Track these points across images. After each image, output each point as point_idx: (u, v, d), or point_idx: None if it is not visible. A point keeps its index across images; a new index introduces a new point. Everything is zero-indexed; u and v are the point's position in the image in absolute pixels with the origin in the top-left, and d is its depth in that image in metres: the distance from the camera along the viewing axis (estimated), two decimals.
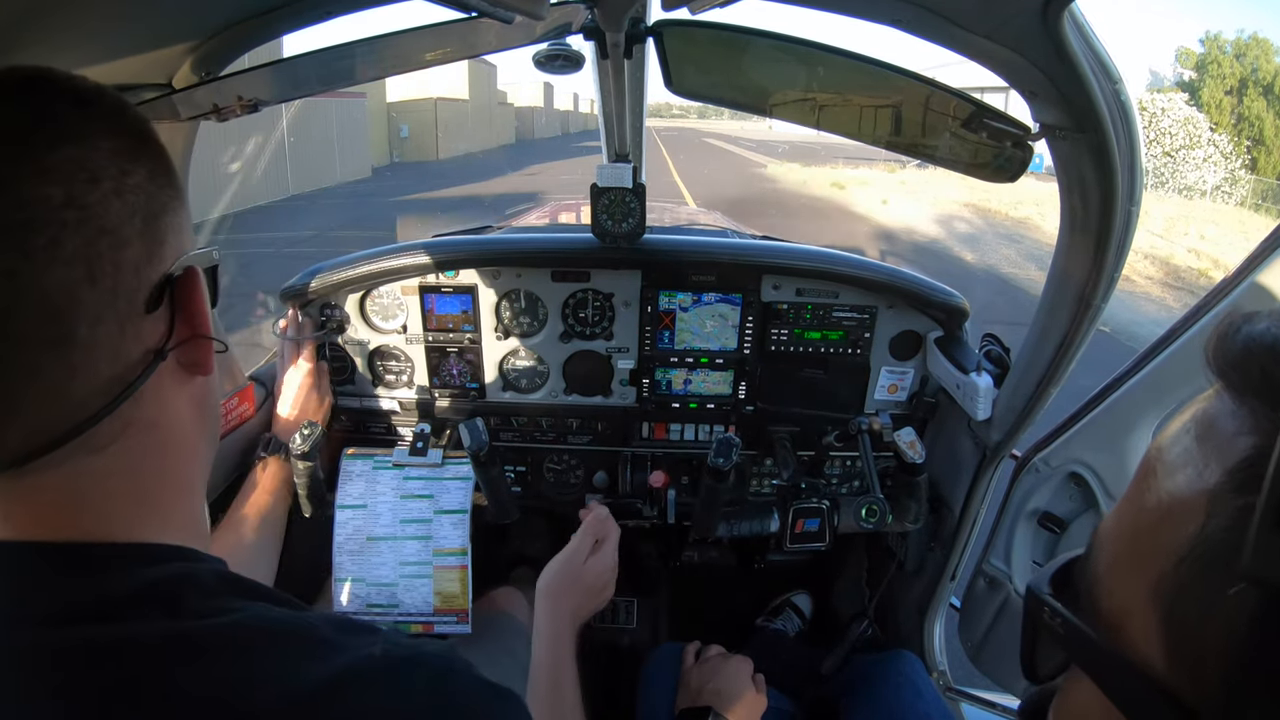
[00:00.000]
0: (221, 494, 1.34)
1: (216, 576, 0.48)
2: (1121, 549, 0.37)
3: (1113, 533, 0.38)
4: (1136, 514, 0.36)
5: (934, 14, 0.76)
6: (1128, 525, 0.37)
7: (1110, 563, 0.38)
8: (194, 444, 0.54)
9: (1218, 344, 0.35)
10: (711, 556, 2.11)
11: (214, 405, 0.58)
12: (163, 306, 0.48)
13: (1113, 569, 0.37)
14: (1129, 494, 0.38)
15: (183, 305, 0.49)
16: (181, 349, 0.50)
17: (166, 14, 0.75)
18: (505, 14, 0.74)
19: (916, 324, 1.58)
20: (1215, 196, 22.56)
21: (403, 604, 1.24)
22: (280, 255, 9.19)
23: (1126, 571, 0.36)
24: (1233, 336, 0.34)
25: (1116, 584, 0.37)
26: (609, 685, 1.77)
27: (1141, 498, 0.36)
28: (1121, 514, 0.38)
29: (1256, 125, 25.91)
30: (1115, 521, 0.39)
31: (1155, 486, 0.35)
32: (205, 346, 0.51)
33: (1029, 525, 1.39)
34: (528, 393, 1.68)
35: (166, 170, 0.50)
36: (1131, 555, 0.36)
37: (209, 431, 0.57)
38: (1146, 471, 0.37)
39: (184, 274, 0.49)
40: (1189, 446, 0.34)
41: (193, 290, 0.50)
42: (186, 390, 0.52)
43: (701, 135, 51.27)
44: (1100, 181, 0.88)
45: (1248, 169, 24.75)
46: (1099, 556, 0.39)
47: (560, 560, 1.06)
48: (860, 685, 1.35)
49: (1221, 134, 25.35)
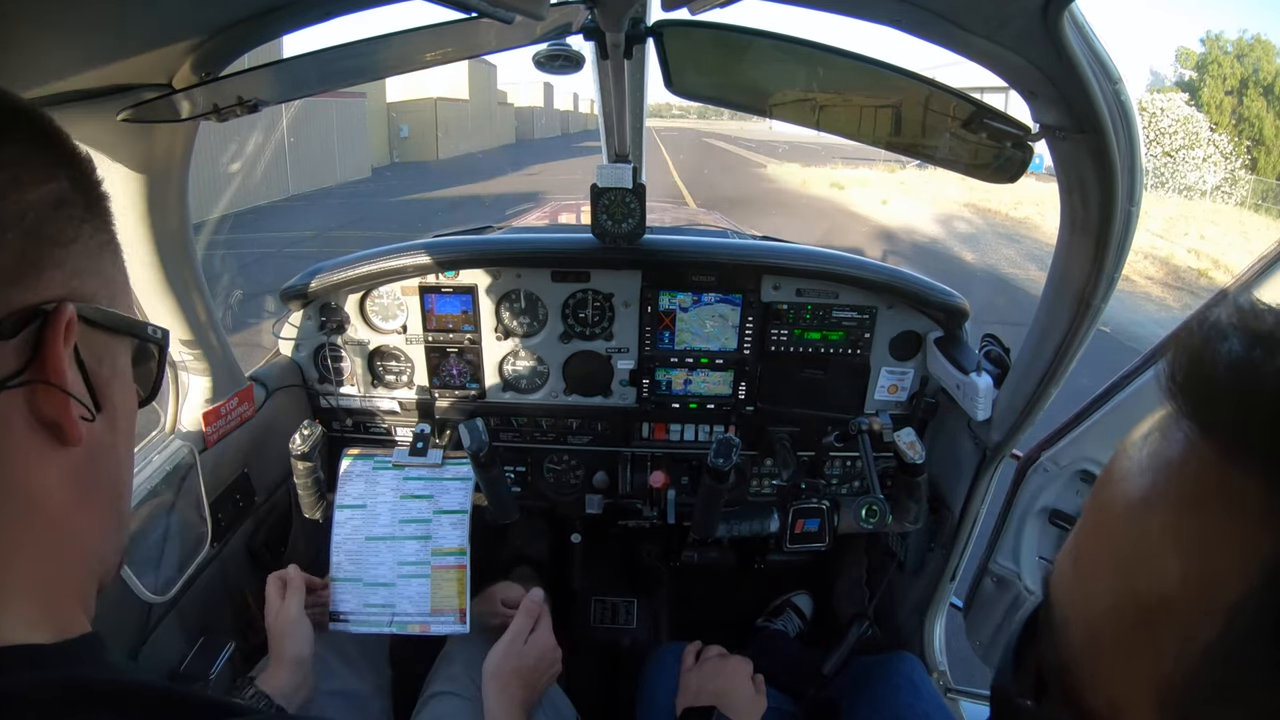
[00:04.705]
0: (219, 497, 1.34)
1: (61, 691, 0.38)
2: (1101, 629, 0.32)
3: (1084, 607, 0.33)
4: (1117, 594, 0.31)
5: (934, 14, 0.75)
6: (1106, 596, 0.32)
7: (1087, 643, 0.33)
8: (70, 526, 0.45)
9: (1193, 370, 0.29)
10: (711, 557, 2.11)
11: (110, 489, 0.49)
12: (17, 340, 0.40)
13: (1093, 652, 0.32)
14: (1097, 545, 0.33)
15: (41, 349, 0.41)
16: (30, 398, 0.41)
17: (166, 14, 0.75)
18: (505, 14, 0.74)
19: (916, 324, 1.58)
20: (1215, 196, 22.55)
21: (400, 604, 1.24)
22: (280, 255, 9.19)
23: (1112, 659, 0.31)
24: (1215, 367, 0.29)
25: (1102, 673, 0.32)
26: (609, 685, 1.78)
27: (1122, 568, 0.31)
28: (1093, 577, 0.33)
29: (1256, 125, 25.90)
30: (1084, 581, 0.33)
31: (1142, 550, 0.30)
32: (59, 402, 0.42)
33: (1037, 523, 1.39)
34: (528, 393, 1.68)
35: (87, 207, 0.45)
36: (1117, 642, 0.31)
37: (102, 520, 0.48)
38: (1121, 529, 0.31)
39: (53, 312, 0.41)
40: (1181, 522, 0.29)
41: (54, 335, 0.41)
42: (56, 460, 0.43)
43: (701, 135, 51.26)
44: (1100, 182, 0.88)
45: (1248, 169, 24.74)
46: (1070, 629, 0.34)
47: (503, 644, 1.11)
48: (860, 686, 1.34)
49: (1221, 134, 25.34)
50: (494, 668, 1.08)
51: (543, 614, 1.17)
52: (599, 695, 1.71)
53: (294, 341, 1.62)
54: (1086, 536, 0.34)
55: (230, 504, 1.38)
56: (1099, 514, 0.33)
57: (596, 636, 1.90)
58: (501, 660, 1.09)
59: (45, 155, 0.44)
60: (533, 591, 1.20)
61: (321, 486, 1.37)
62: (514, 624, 1.14)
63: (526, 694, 1.08)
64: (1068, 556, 0.35)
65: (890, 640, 1.73)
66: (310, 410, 1.68)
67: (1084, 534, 0.34)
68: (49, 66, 0.70)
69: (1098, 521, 0.33)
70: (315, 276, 1.53)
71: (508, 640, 1.11)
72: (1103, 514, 0.33)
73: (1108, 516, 0.33)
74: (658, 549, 2.10)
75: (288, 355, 1.64)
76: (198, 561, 1.22)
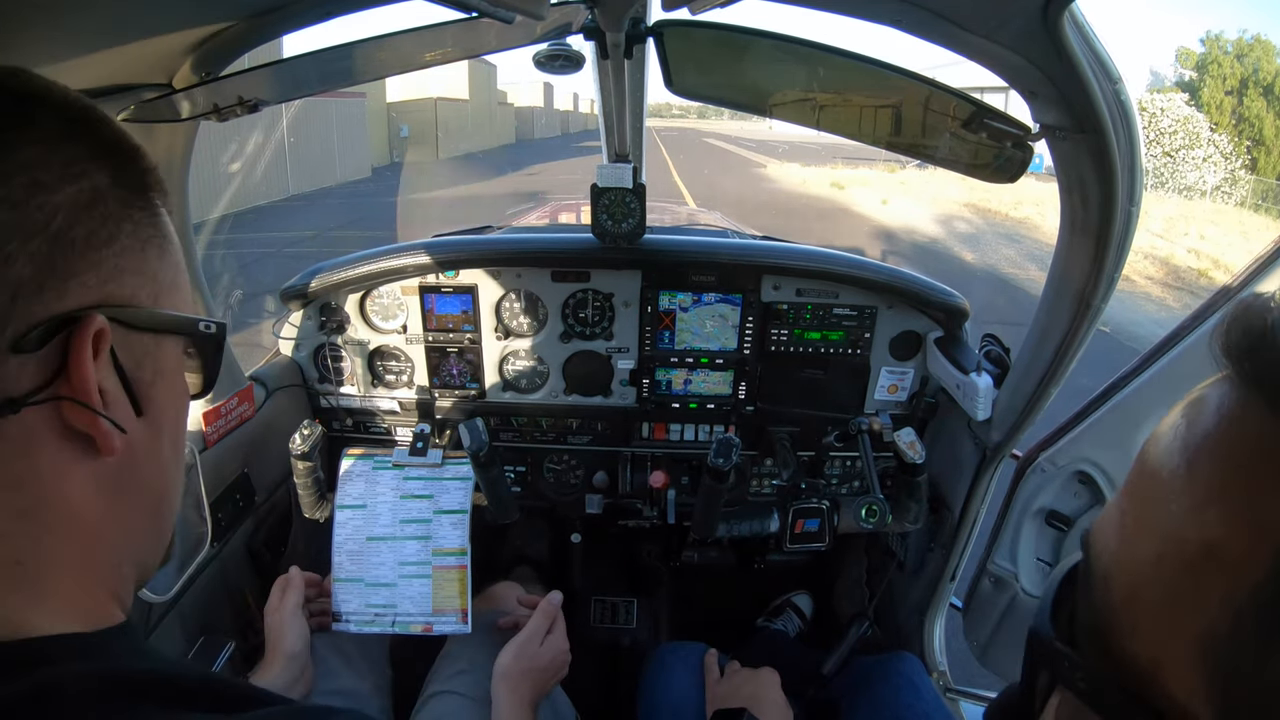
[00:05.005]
0: (219, 497, 1.34)
1: (98, 681, 0.37)
2: (1144, 581, 0.32)
3: (1128, 559, 0.33)
4: (1162, 542, 0.31)
5: (934, 14, 0.76)
6: (1150, 553, 0.32)
7: (1129, 596, 0.33)
8: (106, 532, 0.44)
9: (1245, 336, 0.30)
10: (711, 556, 2.11)
11: (149, 494, 0.47)
12: (44, 352, 0.38)
13: (1134, 605, 0.32)
14: (1141, 504, 0.33)
15: (68, 361, 0.39)
16: (58, 411, 0.40)
17: (166, 14, 0.75)
18: (505, 14, 0.74)
19: (916, 324, 1.58)
20: (1215, 196, 22.54)
21: (401, 604, 1.24)
22: (280, 255, 9.19)
23: (1154, 611, 0.31)
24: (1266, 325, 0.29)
25: (1141, 624, 0.32)
26: (609, 685, 1.78)
27: (1168, 520, 0.31)
28: (1138, 532, 0.33)
29: (1256, 125, 25.89)
30: (1128, 542, 0.33)
31: (1187, 512, 0.30)
32: (88, 415, 0.40)
33: (1034, 524, 1.40)
34: (528, 393, 1.68)
35: (128, 201, 0.42)
36: (1161, 593, 0.31)
37: (141, 524, 0.47)
38: (1167, 485, 0.32)
39: (80, 324, 0.39)
40: (1229, 475, 0.29)
41: (80, 348, 0.39)
42: (85, 468, 0.42)
43: (702, 135, 51.28)
44: (1100, 182, 0.88)
45: (1248, 169, 24.73)
46: (1111, 584, 0.34)
47: (517, 644, 1.10)
48: (860, 686, 1.34)
49: (1221, 134, 25.33)
50: (506, 667, 1.07)
51: (558, 617, 1.17)
52: (599, 695, 1.71)
53: (294, 341, 1.62)
54: (1132, 491, 0.34)
55: (230, 504, 1.38)
56: (1145, 468, 0.34)
57: (596, 636, 1.90)
58: (514, 660, 1.08)
59: (76, 148, 0.41)
60: (551, 594, 1.20)
61: (321, 486, 1.37)
62: (530, 624, 1.13)
63: (535, 695, 1.07)
64: (1112, 511, 0.36)
65: (890, 640, 1.73)
66: (310, 410, 1.68)
67: (1129, 489, 0.35)
68: (49, 66, 0.70)
69: (1144, 475, 0.34)
70: (315, 276, 1.53)
71: (522, 641, 1.10)
72: (1149, 467, 0.33)
73: (1155, 469, 0.33)
74: (658, 549, 2.10)
75: (288, 355, 1.64)
76: (198, 561, 1.22)
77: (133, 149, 0.44)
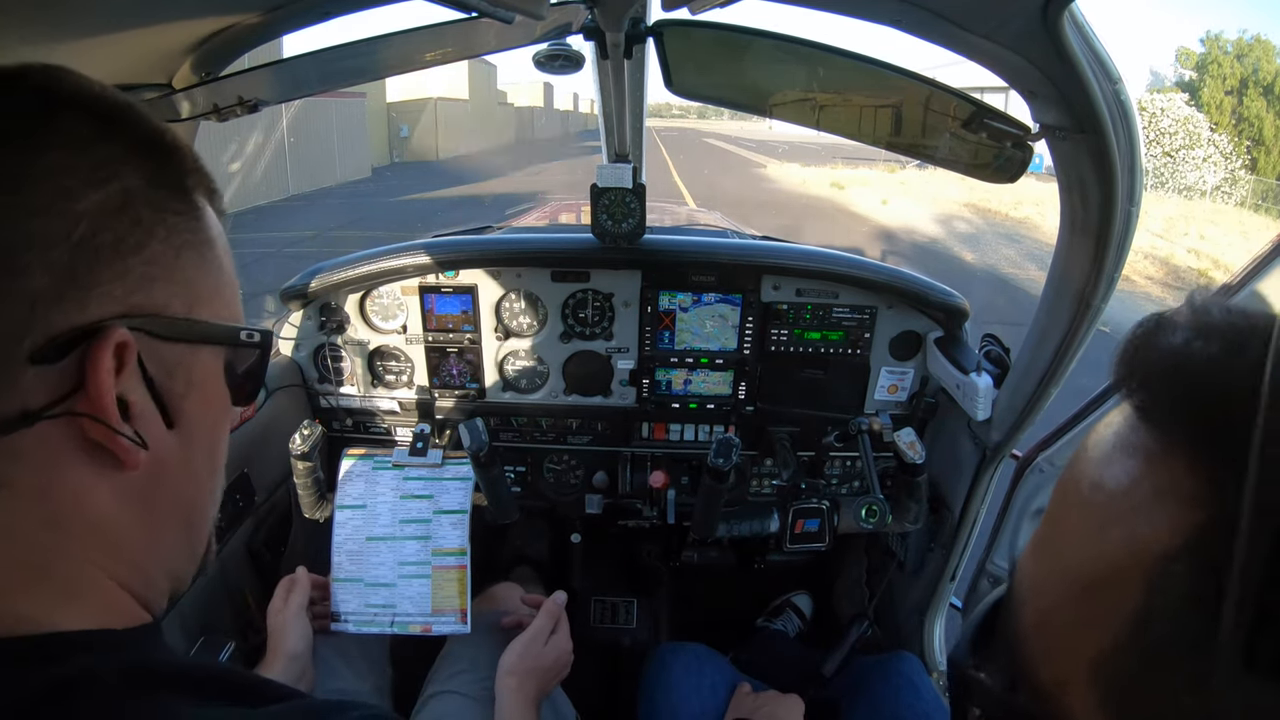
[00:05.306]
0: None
1: (122, 675, 0.37)
2: (1048, 606, 0.33)
3: (1036, 581, 0.34)
4: (1062, 561, 0.32)
5: (934, 14, 0.76)
6: (1054, 574, 0.33)
7: (1037, 621, 0.33)
8: (133, 547, 0.43)
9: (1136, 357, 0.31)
10: (711, 556, 2.11)
11: (180, 507, 0.46)
12: (64, 364, 0.37)
13: (1041, 630, 0.33)
14: (1054, 524, 0.34)
15: (86, 374, 0.37)
16: (78, 424, 0.38)
17: (166, 14, 0.75)
18: (505, 14, 0.74)
19: (916, 324, 1.58)
20: (1215, 197, 22.54)
21: (401, 604, 1.24)
22: (280, 255, 9.19)
23: (1057, 635, 0.32)
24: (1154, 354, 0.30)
25: (1048, 647, 0.32)
26: (609, 685, 1.78)
27: (1067, 537, 0.32)
28: (1046, 553, 0.34)
29: (1256, 125, 25.89)
30: (1038, 563, 0.34)
31: (1086, 527, 0.31)
32: (106, 432, 0.39)
33: (1034, 524, 1.39)
34: (528, 393, 1.68)
35: (162, 205, 0.41)
36: (1061, 617, 0.32)
37: (171, 538, 0.46)
38: (1075, 498, 0.32)
39: (99, 337, 0.37)
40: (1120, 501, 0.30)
41: (98, 362, 0.37)
42: (110, 481, 0.40)
43: (702, 135, 51.28)
44: (1100, 182, 0.88)
45: (1247, 169, 24.73)
46: (1024, 610, 0.34)
47: (521, 643, 1.10)
48: (860, 686, 1.35)
49: (1221, 134, 25.33)
50: (511, 665, 1.07)
51: (563, 617, 1.18)
52: (599, 695, 1.71)
53: (294, 341, 1.62)
54: (1046, 519, 0.35)
55: (230, 504, 1.38)
56: (1058, 497, 0.35)
57: (596, 636, 1.90)
58: (519, 659, 1.08)
59: (109, 148, 0.39)
60: (556, 594, 1.21)
61: (321, 486, 1.37)
62: (535, 624, 1.13)
63: (538, 694, 1.08)
64: (1035, 536, 0.37)
65: (890, 640, 1.73)
66: (310, 410, 1.68)
67: (1046, 517, 0.36)
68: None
69: (1056, 503, 0.35)
70: (315, 276, 1.53)
71: (527, 640, 1.11)
72: (1060, 496, 0.35)
73: (1064, 498, 0.34)
74: (658, 549, 2.10)
75: (288, 355, 1.64)
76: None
77: (172, 146, 0.43)
